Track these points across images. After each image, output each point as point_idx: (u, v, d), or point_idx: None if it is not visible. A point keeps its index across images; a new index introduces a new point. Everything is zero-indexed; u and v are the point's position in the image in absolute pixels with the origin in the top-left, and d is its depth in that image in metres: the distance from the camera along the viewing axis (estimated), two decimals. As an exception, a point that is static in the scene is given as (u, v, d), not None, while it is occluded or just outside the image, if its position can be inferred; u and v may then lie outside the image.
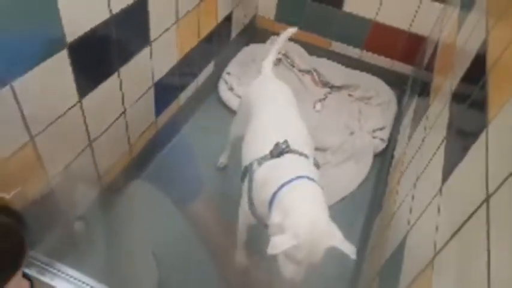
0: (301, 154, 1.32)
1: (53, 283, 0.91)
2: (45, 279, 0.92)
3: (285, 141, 1.30)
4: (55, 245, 1.25)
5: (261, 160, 1.31)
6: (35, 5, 1.11)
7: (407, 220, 1.23)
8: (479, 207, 0.76)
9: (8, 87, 1.11)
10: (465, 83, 1.22)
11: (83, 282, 0.91)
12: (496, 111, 0.85)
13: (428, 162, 1.28)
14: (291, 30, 1.79)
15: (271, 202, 1.19)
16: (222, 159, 2.09)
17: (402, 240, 1.19)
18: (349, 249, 1.09)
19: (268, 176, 1.27)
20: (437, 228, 0.94)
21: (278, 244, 1.06)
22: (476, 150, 0.90)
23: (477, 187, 0.80)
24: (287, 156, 1.29)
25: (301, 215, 1.11)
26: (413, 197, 1.30)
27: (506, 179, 0.70)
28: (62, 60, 1.27)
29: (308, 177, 1.19)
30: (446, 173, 1.05)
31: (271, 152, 1.31)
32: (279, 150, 1.29)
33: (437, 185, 1.07)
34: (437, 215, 0.99)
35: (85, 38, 1.33)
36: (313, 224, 1.09)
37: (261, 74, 1.73)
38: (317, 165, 1.41)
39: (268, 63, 1.74)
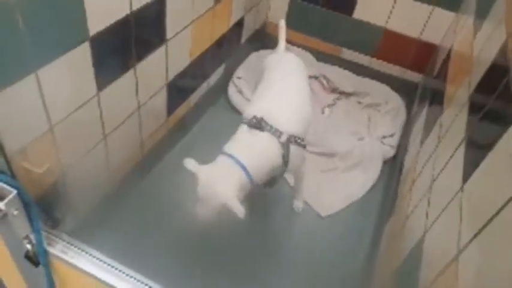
0: (273, 131, 1.52)
1: (74, 261, 0.91)
2: (67, 257, 0.91)
3: (261, 118, 1.54)
4: (77, 225, 1.26)
5: (244, 120, 1.59)
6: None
7: (424, 222, 1.23)
8: (506, 203, 0.77)
9: (33, 75, 1.11)
10: (484, 86, 1.23)
11: (104, 262, 0.91)
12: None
13: (445, 165, 1.29)
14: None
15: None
16: None
17: (419, 240, 1.20)
18: (238, 209, 1.35)
19: (235, 135, 1.57)
20: (460, 226, 0.94)
21: (189, 162, 1.46)
22: (500, 149, 0.91)
23: (502, 184, 0.80)
24: (249, 134, 1.54)
25: (206, 175, 1.43)
26: (429, 200, 1.30)
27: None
28: (84, 53, 1.28)
29: (234, 158, 1.46)
30: (467, 174, 1.05)
31: (249, 120, 1.55)
32: (252, 123, 1.54)
33: (457, 185, 1.07)
34: (459, 213, 0.99)
35: (106, 32, 1.34)
36: (210, 182, 1.42)
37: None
38: (291, 141, 1.55)
39: (281, 45, 2.02)
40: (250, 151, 1.49)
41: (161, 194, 1.93)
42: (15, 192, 0.77)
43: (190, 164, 1.46)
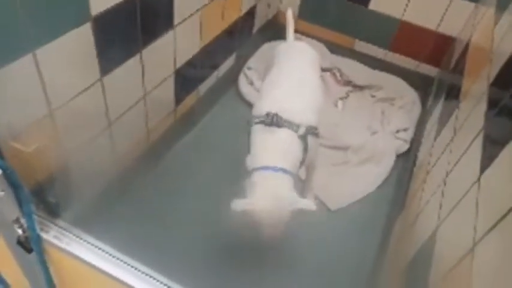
0: (290, 126, 1.44)
1: (69, 248, 0.87)
2: (62, 244, 0.88)
3: (275, 114, 1.44)
4: (78, 213, 1.23)
5: (257, 119, 1.48)
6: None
7: (437, 214, 1.18)
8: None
9: (30, 55, 1.07)
10: (504, 77, 1.17)
11: (101, 249, 0.87)
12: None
13: (461, 157, 1.23)
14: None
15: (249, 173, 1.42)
16: None
17: (432, 233, 1.14)
18: (308, 205, 1.35)
19: (254, 142, 1.48)
20: (476, 218, 0.89)
21: (237, 204, 1.32)
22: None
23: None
24: (272, 134, 1.44)
25: (261, 191, 1.35)
26: (443, 192, 1.25)
27: None
28: (85, 34, 1.24)
29: (277, 168, 1.38)
30: (485, 164, 1.00)
31: (263, 118, 1.46)
32: (268, 121, 1.44)
33: (474, 176, 1.02)
34: (474, 205, 0.93)
35: (110, 13, 1.30)
36: (271, 203, 1.34)
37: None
38: (308, 133, 1.49)
39: (290, 36, 1.95)
40: (277, 152, 1.42)
41: (167, 184, 1.89)
42: (0, 172, 0.73)
43: (239, 204, 1.33)
